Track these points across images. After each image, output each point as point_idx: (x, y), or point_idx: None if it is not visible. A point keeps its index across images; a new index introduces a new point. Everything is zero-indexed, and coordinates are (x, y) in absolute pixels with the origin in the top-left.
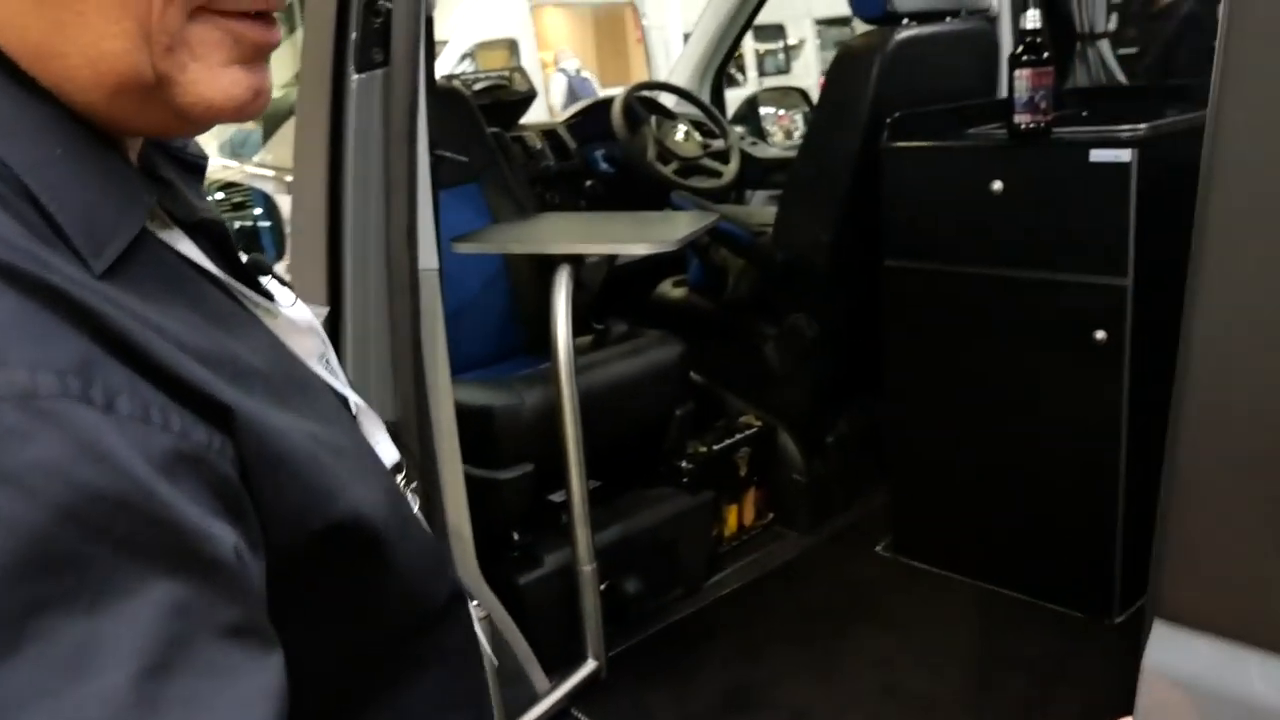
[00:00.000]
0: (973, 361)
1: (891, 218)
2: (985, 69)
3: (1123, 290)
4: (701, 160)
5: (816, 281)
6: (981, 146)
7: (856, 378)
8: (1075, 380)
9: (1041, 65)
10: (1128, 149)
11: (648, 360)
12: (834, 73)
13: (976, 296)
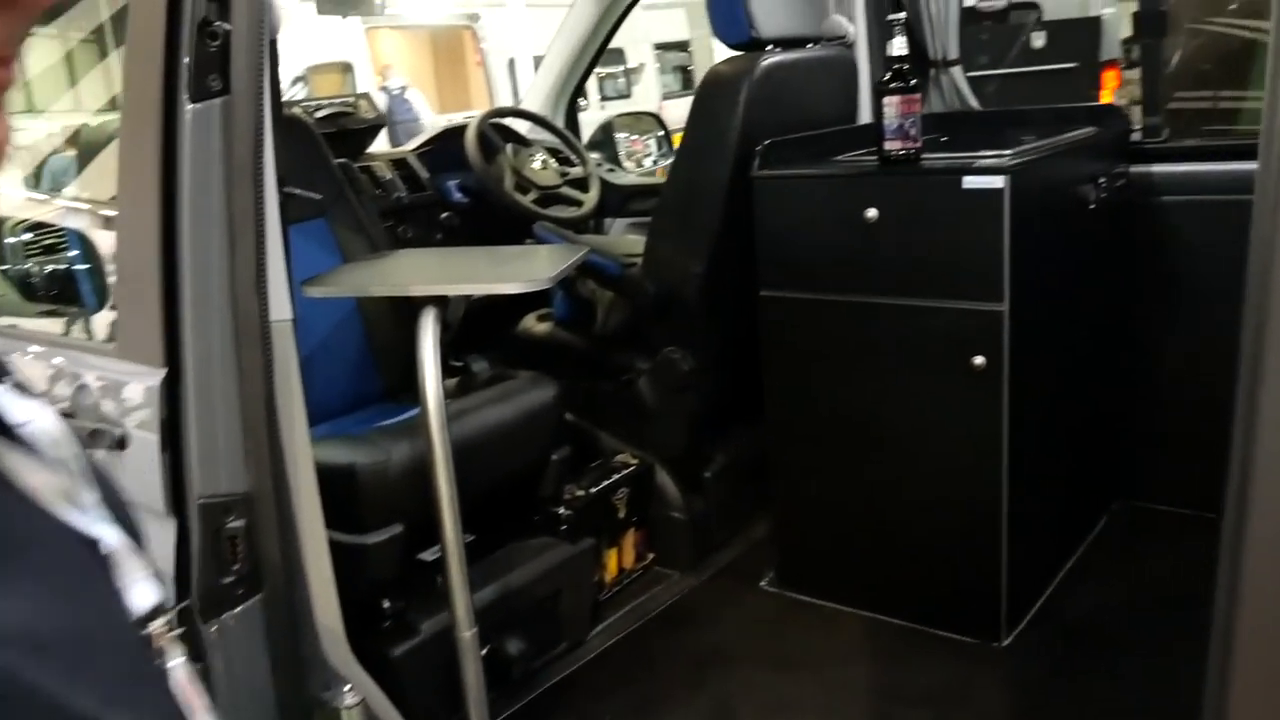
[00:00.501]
0: (852, 390)
1: (766, 247)
2: (847, 95)
3: (999, 316)
4: (561, 189)
5: (690, 313)
6: (855, 174)
7: (735, 409)
8: (955, 406)
9: (909, 92)
10: (1000, 176)
11: (521, 405)
12: (701, 99)
13: (854, 325)
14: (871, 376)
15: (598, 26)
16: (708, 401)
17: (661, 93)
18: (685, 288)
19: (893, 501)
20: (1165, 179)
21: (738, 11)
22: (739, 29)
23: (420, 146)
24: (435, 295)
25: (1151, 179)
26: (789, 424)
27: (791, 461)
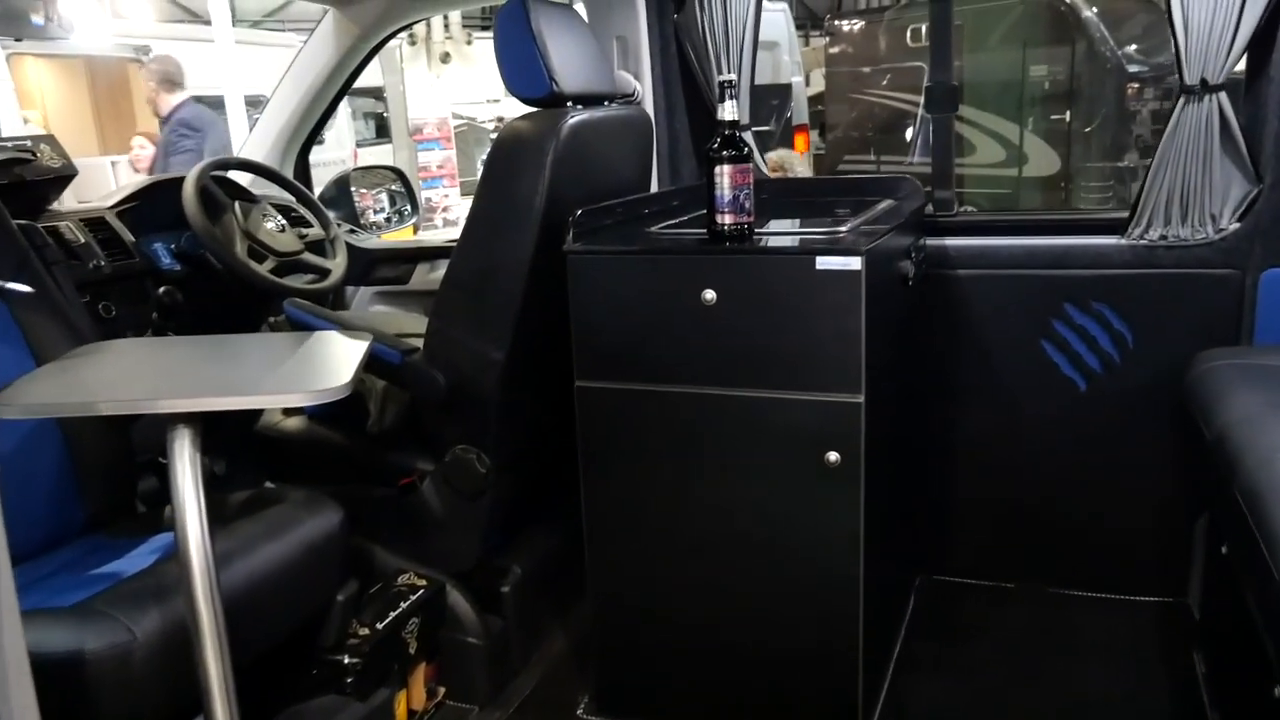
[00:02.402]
0: (686, 490)
1: (583, 332)
2: (643, 159)
3: (856, 409)
4: (303, 255)
5: (487, 406)
6: (691, 252)
7: (535, 509)
8: (805, 506)
9: (742, 161)
10: (857, 257)
11: (301, 538)
12: (499, 160)
13: (689, 420)
14: (709, 475)
15: (337, 69)
16: (507, 506)
17: (355, 140)
18: (482, 377)
19: (732, 609)
20: (959, 252)
21: (536, 63)
22: (538, 82)
23: (121, 202)
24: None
25: (946, 252)
26: (611, 529)
27: (613, 570)
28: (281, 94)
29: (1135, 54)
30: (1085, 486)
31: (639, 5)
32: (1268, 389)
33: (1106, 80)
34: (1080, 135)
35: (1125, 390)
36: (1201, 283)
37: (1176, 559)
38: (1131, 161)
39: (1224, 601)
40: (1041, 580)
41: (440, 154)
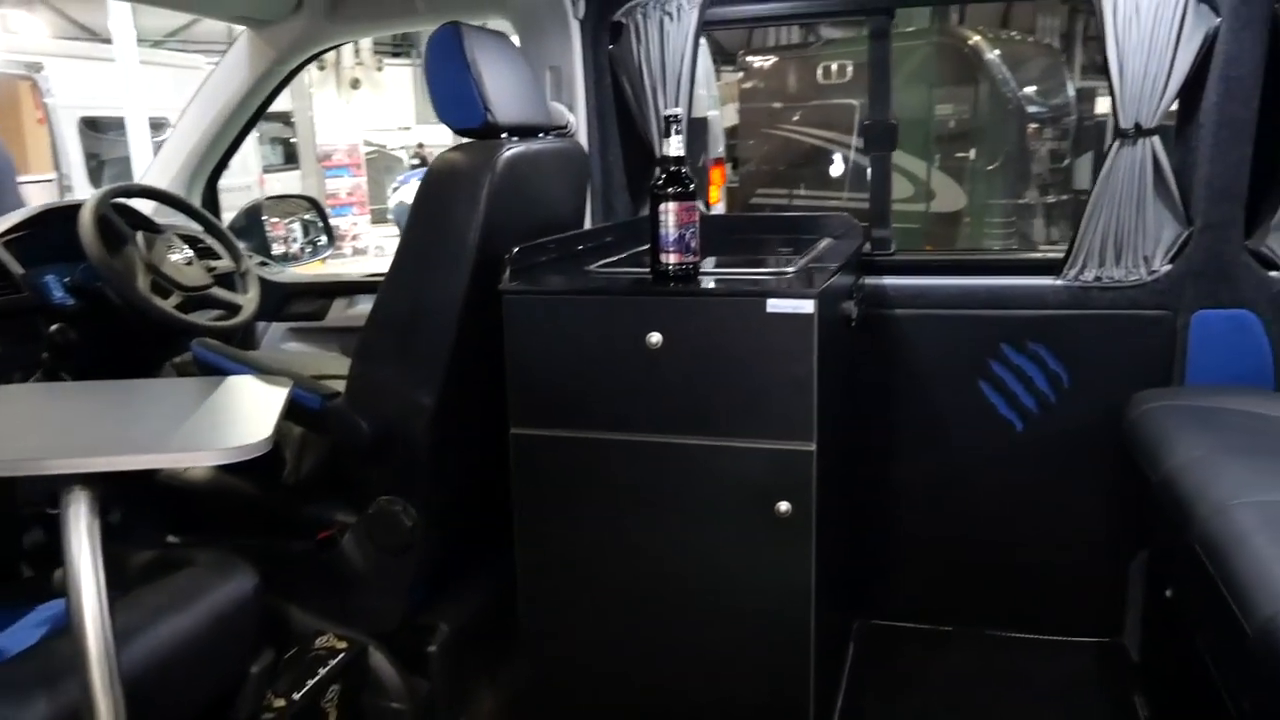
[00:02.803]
0: (627, 544)
1: (519, 376)
2: (578, 193)
3: (808, 457)
4: (212, 290)
5: (415, 455)
6: (637, 293)
7: (468, 561)
8: (754, 559)
9: (688, 198)
10: (809, 300)
11: (212, 607)
12: (431, 193)
13: (631, 469)
14: (652, 527)
15: (251, 93)
16: (435, 559)
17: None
18: (410, 424)
19: (677, 667)
20: (897, 292)
21: (470, 92)
22: (472, 112)
23: (8, 231)
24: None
25: (885, 291)
26: (547, 584)
27: (549, 627)
28: (190, 117)
29: (1034, 96)
30: (1022, 527)
31: (573, 35)
32: (1209, 432)
33: (1008, 120)
34: (984, 173)
35: (1061, 430)
36: (1135, 323)
37: (1112, 599)
38: (1032, 199)
39: (1167, 645)
40: (980, 622)
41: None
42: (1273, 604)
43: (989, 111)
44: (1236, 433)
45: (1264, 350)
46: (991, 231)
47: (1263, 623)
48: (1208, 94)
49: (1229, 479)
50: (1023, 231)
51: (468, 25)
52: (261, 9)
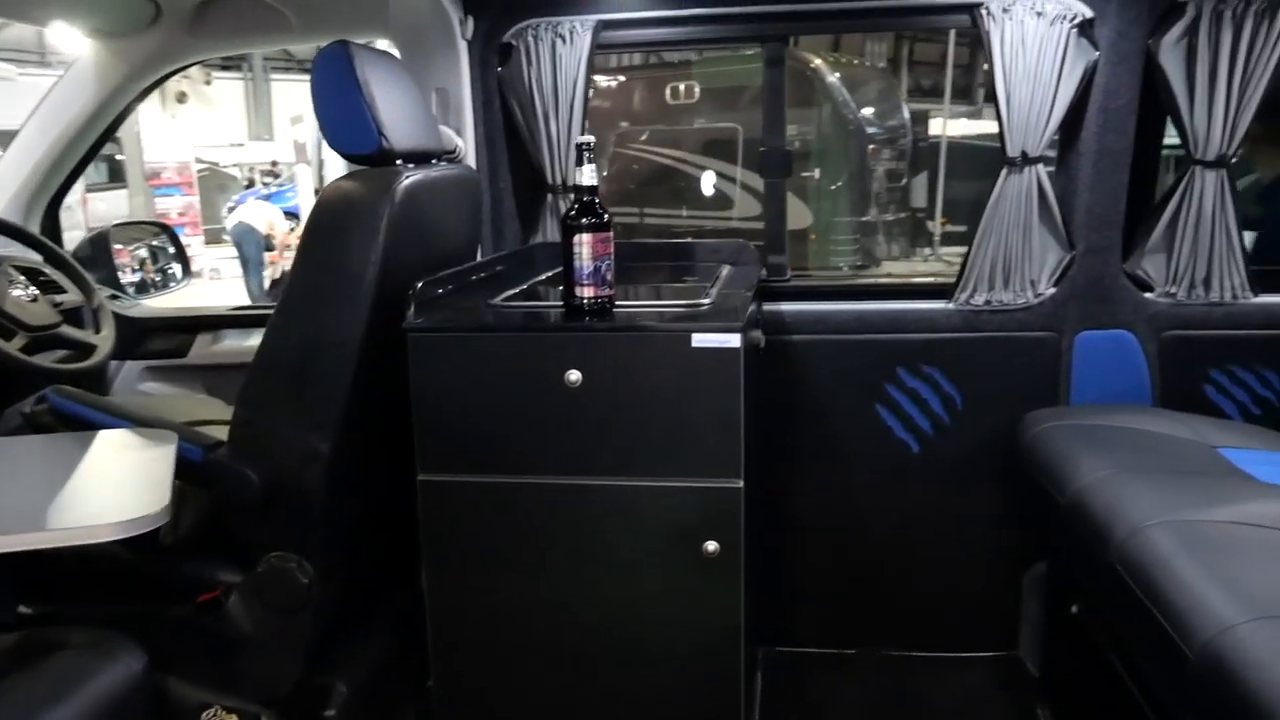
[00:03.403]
0: (547, 592)
1: (428, 419)
2: (474, 223)
3: (735, 493)
4: (61, 329)
5: (311, 507)
6: (555, 329)
7: (368, 614)
8: (681, 602)
9: (603, 229)
10: (735, 334)
11: (93, 696)
12: (324, 225)
13: (551, 513)
14: (572, 573)
15: (99, 112)
16: (330, 617)
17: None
18: (304, 473)
19: (603, 714)
20: (794, 318)
21: (363, 116)
22: (365, 138)
23: None
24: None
25: (782, 318)
26: (461, 637)
27: (462, 683)
28: (27, 137)
29: (872, 118)
30: (919, 547)
31: (461, 56)
32: (1107, 452)
33: (850, 141)
34: (828, 192)
35: (955, 450)
36: (1023, 345)
37: (1008, 613)
38: (873, 216)
39: (1073, 659)
40: (882, 644)
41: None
42: (1211, 627)
43: (831, 133)
44: (1132, 451)
45: (1142, 368)
46: (837, 248)
47: (1203, 646)
48: (1088, 125)
49: (1139, 500)
50: (866, 248)
51: (357, 45)
52: (116, 21)
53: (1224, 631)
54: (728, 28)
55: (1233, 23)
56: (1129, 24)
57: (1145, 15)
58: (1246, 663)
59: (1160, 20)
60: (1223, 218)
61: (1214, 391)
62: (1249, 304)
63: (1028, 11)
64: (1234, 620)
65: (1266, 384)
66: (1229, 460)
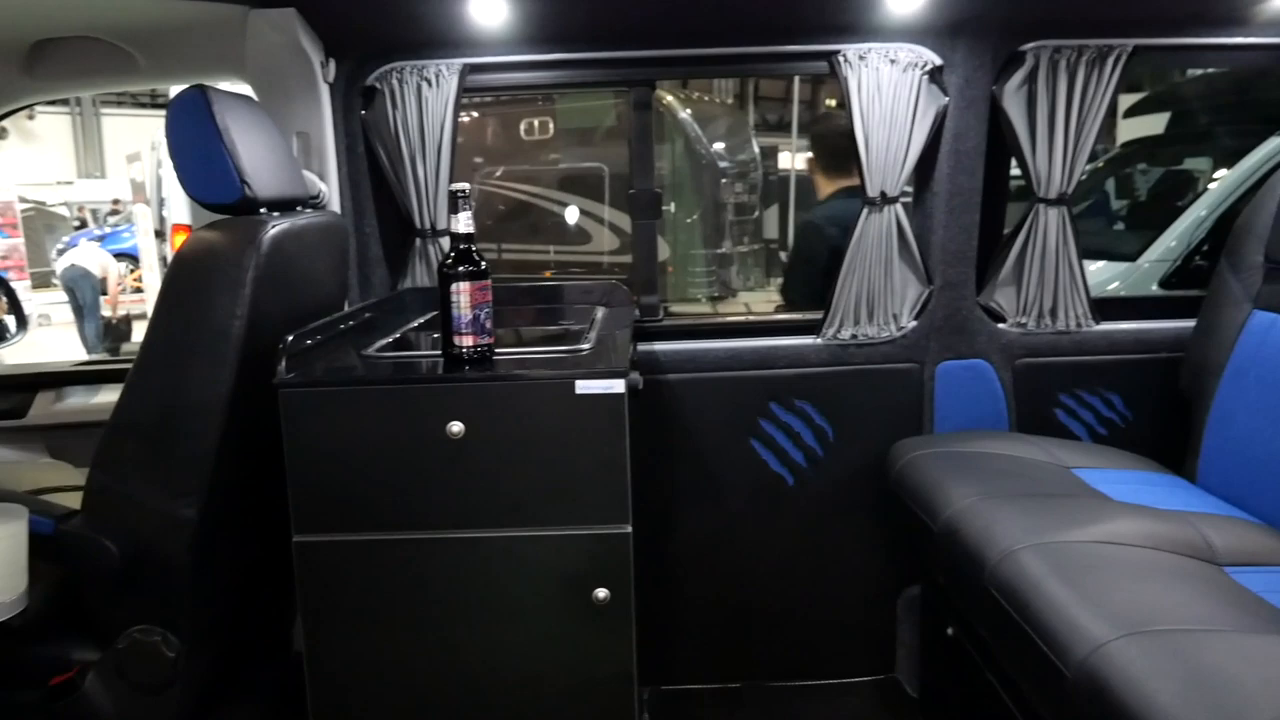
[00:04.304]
0: (434, 650)
1: (303, 478)
2: (342, 271)
3: (624, 539)
4: None
5: (177, 577)
6: (436, 380)
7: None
8: (572, 651)
9: (481, 277)
10: (619, 379)
11: None
12: (185, 279)
13: (436, 570)
14: (460, 629)
15: None
16: (200, 692)
17: None
18: (169, 541)
19: None
20: (668, 357)
21: (224, 163)
22: (227, 186)
23: None
24: None
25: (656, 357)
26: (348, 699)
27: None
28: None
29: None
30: (797, 577)
31: (323, 99)
32: (974, 479)
33: (703, 175)
34: (684, 224)
35: (828, 481)
36: (888, 376)
37: (884, 637)
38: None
39: (950, 679)
40: (765, 675)
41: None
42: (1084, 646)
43: (685, 167)
44: (996, 476)
45: (998, 395)
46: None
47: (1079, 664)
48: (940, 166)
49: (1007, 524)
50: (723, 279)
51: (215, 89)
52: None
53: (1097, 649)
54: (594, 72)
55: (1068, 70)
56: (975, 71)
57: (990, 63)
58: (1120, 678)
59: (1003, 68)
60: (1065, 251)
61: (1064, 415)
62: (1092, 331)
63: (882, 59)
64: (1106, 638)
65: (1110, 405)
66: (1083, 480)
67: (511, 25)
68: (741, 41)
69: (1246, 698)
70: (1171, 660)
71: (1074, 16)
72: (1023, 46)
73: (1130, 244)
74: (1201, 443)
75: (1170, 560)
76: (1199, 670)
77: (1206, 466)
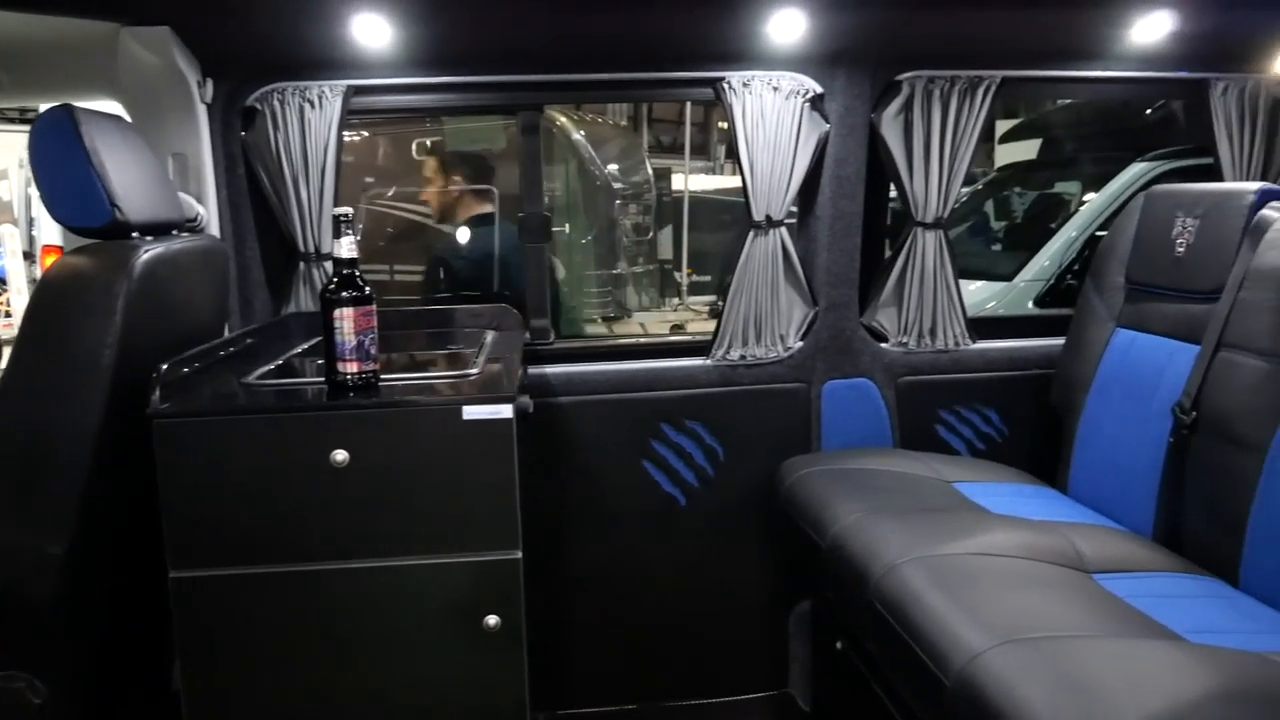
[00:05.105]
0: (321, 684)
1: (179, 512)
2: (221, 297)
3: (514, 565)
4: None
5: (43, 619)
6: (319, 408)
7: None
8: (462, 680)
9: (365, 302)
10: (508, 404)
11: None
12: (51, 304)
13: (321, 602)
14: (348, 662)
15: None
16: None
17: None
18: (34, 581)
19: None
20: (559, 380)
21: (93, 186)
22: (96, 209)
23: None
24: None
25: (547, 380)
26: None
27: None
28: None
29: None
30: (691, 597)
31: (200, 119)
32: (860, 495)
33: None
34: (579, 245)
35: (720, 500)
36: (777, 396)
37: (777, 653)
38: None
39: (840, 693)
40: (661, 696)
41: None
42: (962, 656)
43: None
44: (881, 492)
45: (882, 413)
46: (589, 301)
47: (957, 674)
48: (823, 190)
49: (890, 539)
50: (618, 300)
51: (82, 109)
52: None
53: (974, 659)
54: (482, 96)
55: (941, 99)
56: (854, 99)
57: (868, 92)
58: (995, 686)
59: (880, 96)
60: (943, 273)
61: (944, 430)
62: (969, 350)
63: (765, 86)
64: (982, 647)
65: (988, 421)
66: (963, 494)
67: (396, 48)
68: (629, 67)
69: (1112, 700)
70: (1043, 667)
71: (946, 49)
72: (898, 76)
73: (1007, 264)
74: (1072, 455)
75: (1043, 570)
76: (1068, 675)
77: (1077, 478)
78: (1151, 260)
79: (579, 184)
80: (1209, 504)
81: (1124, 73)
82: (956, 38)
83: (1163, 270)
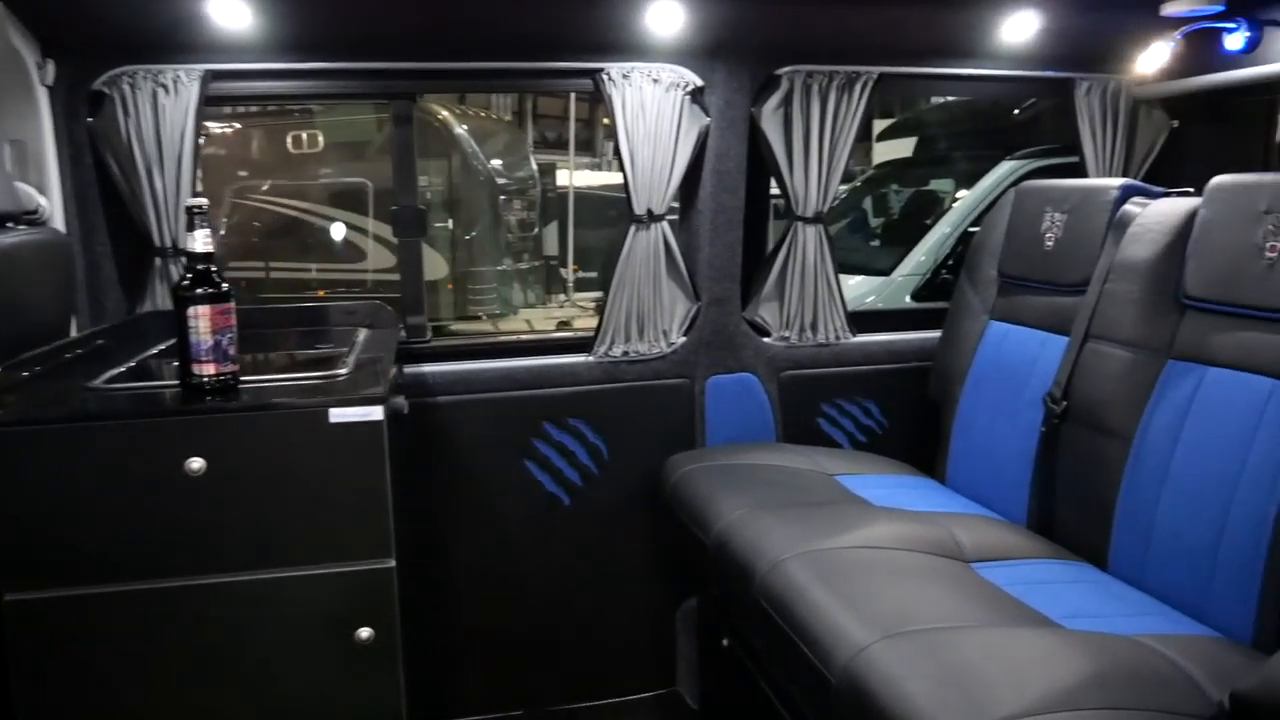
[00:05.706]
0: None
1: (14, 529)
2: (63, 294)
3: (387, 574)
4: None
5: None
6: (169, 413)
7: None
8: (333, 698)
9: (222, 299)
10: (378, 406)
11: None
12: None
13: (178, 619)
14: (208, 685)
15: None
16: None
17: None
18: None
19: None
20: (437, 379)
21: None
22: None
23: None
24: None
25: (425, 379)
26: None
27: None
28: None
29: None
30: (576, 598)
31: (40, 104)
32: (744, 491)
33: (481, 191)
34: (463, 242)
35: (604, 499)
36: (661, 392)
37: (663, 652)
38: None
39: (727, 690)
40: (547, 700)
41: None
42: (846, 651)
43: (463, 183)
44: (765, 487)
45: (765, 407)
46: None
47: (842, 669)
48: (704, 184)
49: (774, 535)
50: (504, 297)
51: None
52: None
53: (858, 654)
54: (352, 83)
55: (819, 94)
56: (734, 93)
57: (748, 85)
58: (879, 680)
59: (760, 90)
60: (823, 268)
61: (826, 424)
62: (849, 343)
63: (645, 78)
64: (865, 642)
65: (868, 413)
66: (845, 487)
67: (259, 30)
68: (506, 56)
69: (993, 690)
70: (926, 660)
71: (824, 44)
72: (778, 70)
73: (885, 259)
74: (949, 446)
75: (924, 561)
76: (950, 668)
77: (954, 468)
78: (1022, 254)
79: (463, 179)
80: (1079, 491)
81: (996, 71)
82: (835, 33)
83: (1033, 264)
